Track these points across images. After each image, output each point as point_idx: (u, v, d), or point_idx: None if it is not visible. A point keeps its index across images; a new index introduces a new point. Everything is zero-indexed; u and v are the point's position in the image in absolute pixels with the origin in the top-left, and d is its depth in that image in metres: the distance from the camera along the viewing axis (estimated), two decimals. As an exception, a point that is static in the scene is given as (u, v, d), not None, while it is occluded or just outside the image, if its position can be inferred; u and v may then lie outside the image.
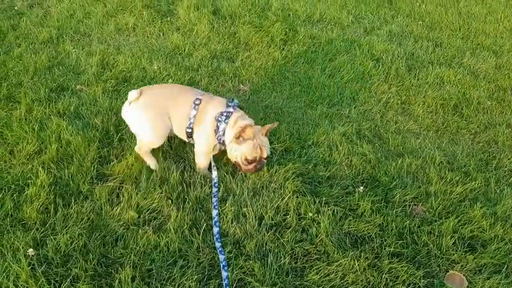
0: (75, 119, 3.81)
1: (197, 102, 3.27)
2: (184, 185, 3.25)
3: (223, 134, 3.24)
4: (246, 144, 3.15)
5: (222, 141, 3.28)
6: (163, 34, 5.61)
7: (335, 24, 6.32)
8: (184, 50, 5.26)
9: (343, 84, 4.92)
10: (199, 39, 5.53)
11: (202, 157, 3.37)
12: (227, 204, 3.10)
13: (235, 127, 3.20)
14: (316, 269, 2.77)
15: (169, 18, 5.94)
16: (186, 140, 3.45)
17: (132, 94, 3.21)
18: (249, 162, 3.20)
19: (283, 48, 5.51)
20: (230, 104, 3.30)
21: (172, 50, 5.25)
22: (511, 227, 3.24)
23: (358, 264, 2.79)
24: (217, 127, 3.23)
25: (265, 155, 3.22)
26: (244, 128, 3.14)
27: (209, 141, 3.31)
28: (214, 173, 3.28)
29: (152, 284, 2.56)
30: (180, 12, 6.03)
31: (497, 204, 3.43)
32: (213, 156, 3.42)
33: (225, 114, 3.23)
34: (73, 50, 5.02)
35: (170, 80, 4.55)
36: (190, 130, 3.31)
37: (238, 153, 3.19)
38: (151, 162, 3.37)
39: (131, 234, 2.84)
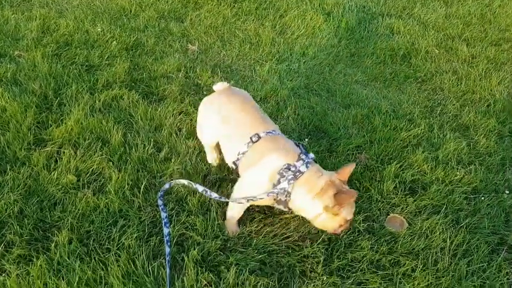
0: (12, 85, 3.66)
1: (254, 139, 2.68)
2: (127, 146, 3.20)
3: (285, 193, 2.54)
4: (345, 210, 2.56)
5: (278, 199, 2.60)
6: (108, -5, 5.39)
7: (287, -21, 6.18)
8: (131, 11, 5.08)
9: (293, 40, 4.86)
10: (146, -1, 5.34)
11: (235, 207, 2.70)
12: (171, 163, 3.07)
13: (314, 191, 2.51)
14: (258, 220, 2.79)
15: (114, -21, 5.69)
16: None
17: (220, 84, 2.99)
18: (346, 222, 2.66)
19: (234, 6, 5.38)
20: (303, 157, 2.57)
21: (118, 11, 5.06)
22: (452, 169, 3.33)
23: (299, 213, 2.82)
24: (278, 182, 2.54)
25: None
26: (339, 199, 2.50)
27: (253, 190, 2.59)
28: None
29: (90, 244, 2.53)
30: (127, -28, 5.77)
31: (439, 149, 3.50)
32: None
33: (293, 170, 2.53)
34: (12, 16, 4.77)
35: (114, 42, 4.40)
36: (234, 166, 2.80)
37: (336, 222, 2.59)
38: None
39: (69, 198, 2.78)
